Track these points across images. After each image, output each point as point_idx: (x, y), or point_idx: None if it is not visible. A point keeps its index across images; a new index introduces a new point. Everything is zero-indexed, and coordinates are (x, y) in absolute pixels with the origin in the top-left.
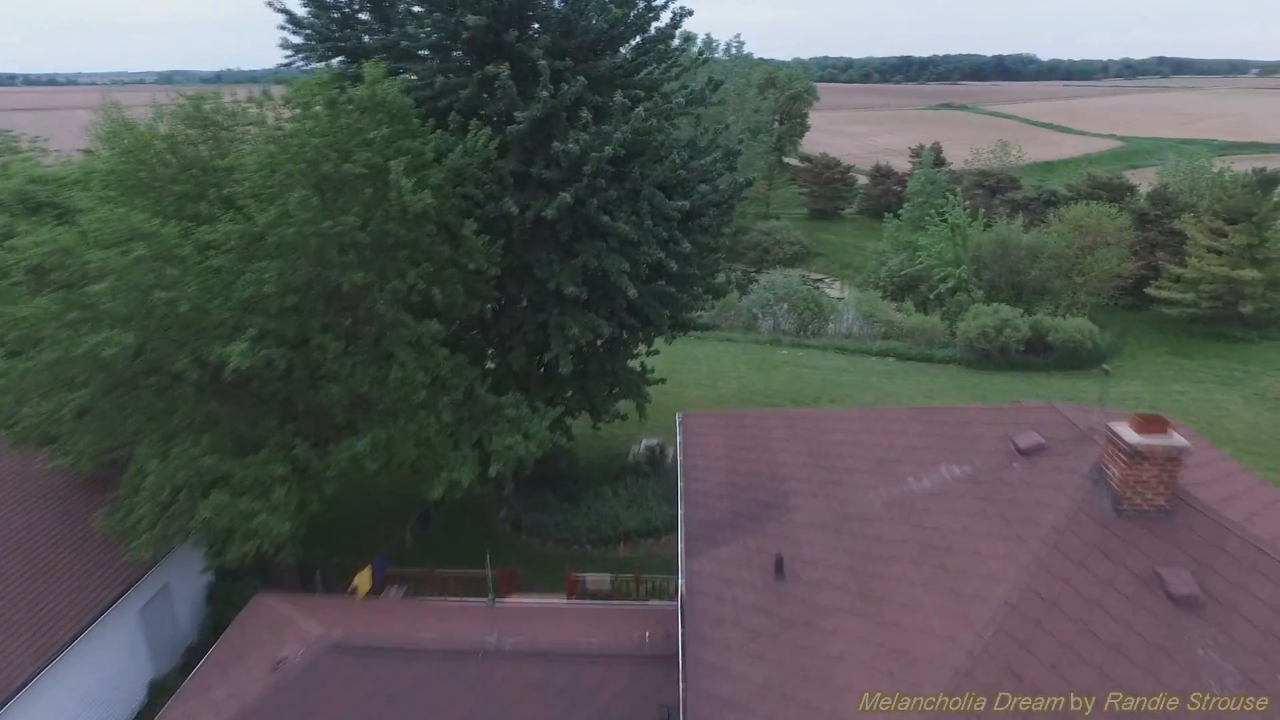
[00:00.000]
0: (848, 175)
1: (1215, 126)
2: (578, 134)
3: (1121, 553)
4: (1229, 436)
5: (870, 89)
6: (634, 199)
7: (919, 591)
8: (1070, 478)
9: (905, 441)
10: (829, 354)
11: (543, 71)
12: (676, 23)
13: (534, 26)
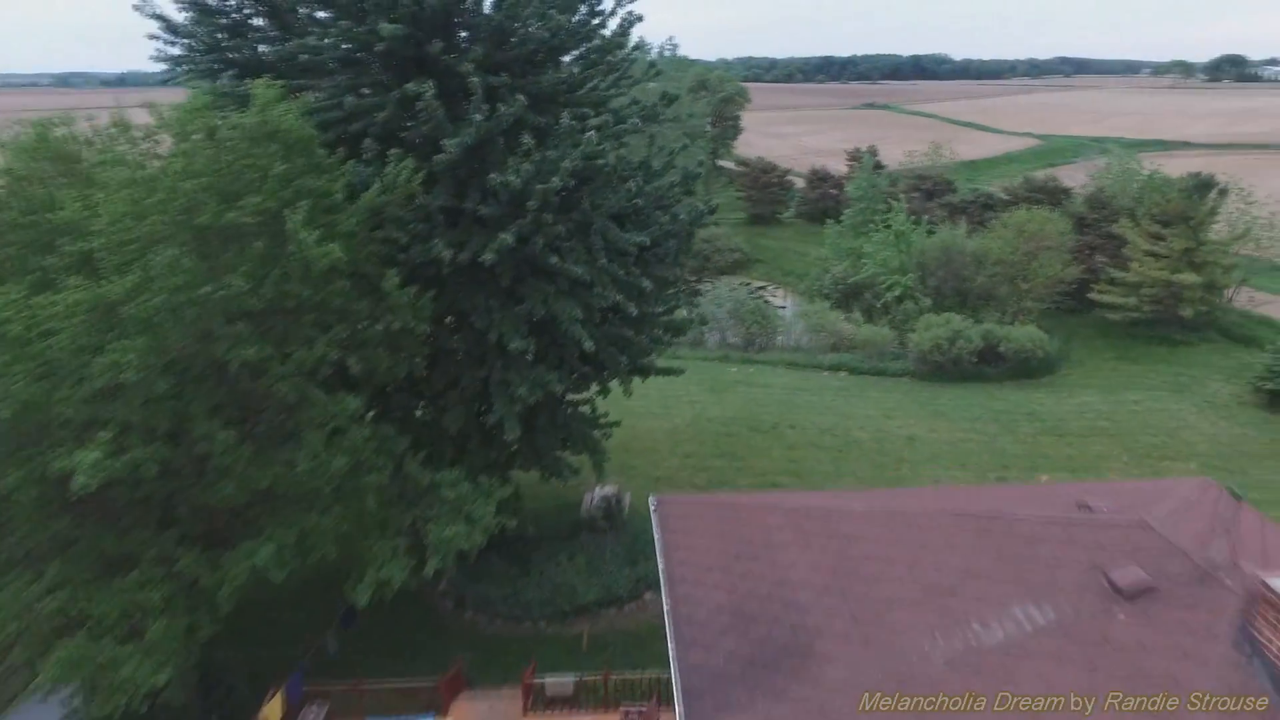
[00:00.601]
0: (785, 179)
1: (1122, 124)
2: (519, 163)
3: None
4: (1192, 451)
5: (796, 88)
6: (585, 233)
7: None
8: (1206, 643)
9: (957, 561)
10: (780, 370)
11: (474, 89)
12: (626, 30)
13: (462, 35)
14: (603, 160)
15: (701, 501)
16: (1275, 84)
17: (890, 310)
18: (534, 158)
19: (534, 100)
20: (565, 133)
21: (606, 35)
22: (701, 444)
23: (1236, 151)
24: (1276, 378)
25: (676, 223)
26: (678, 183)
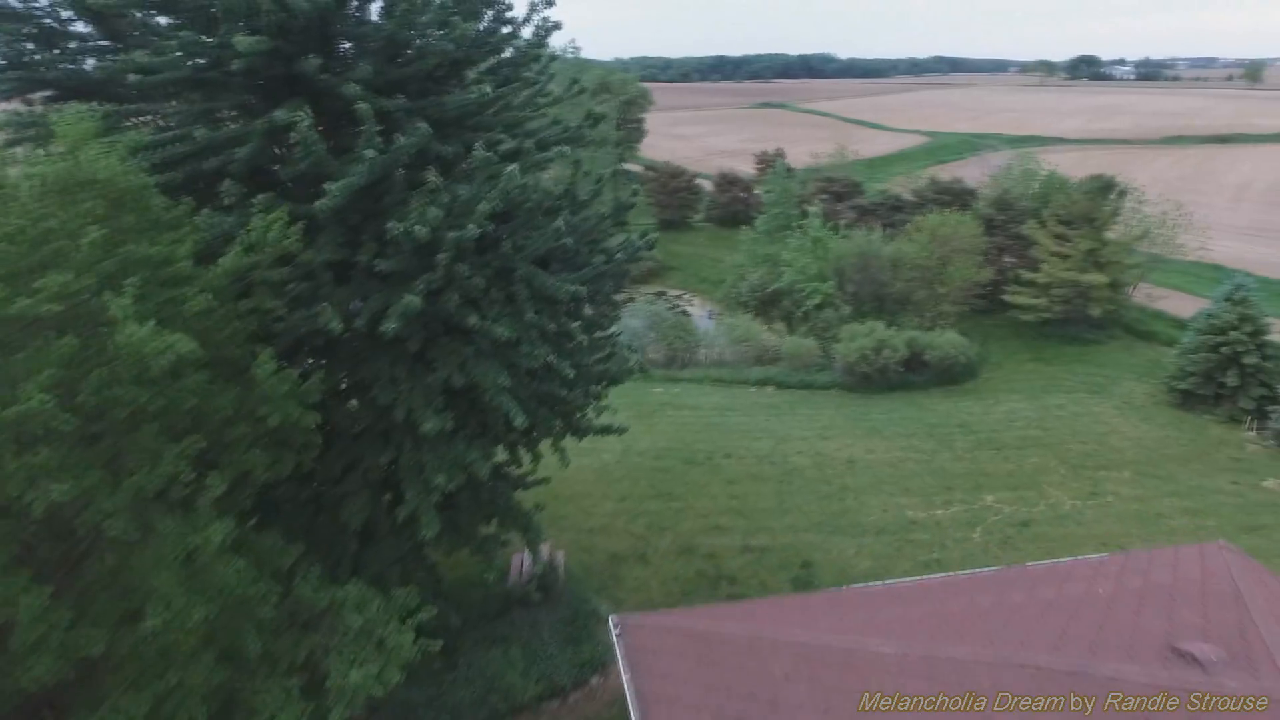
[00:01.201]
0: (693, 184)
1: (1001, 121)
2: (424, 206)
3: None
4: (1122, 458)
5: (693, 88)
6: (507, 281)
7: None
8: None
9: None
10: (706, 388)
11: (364, 116)
12: (542, 39)
13: (346, 48)
14: (525, 197)
15: (679, 629)
16: (1124, 82)
17: (810, 318)
18: (442, 199)
19: (439, 126)
20: (480, 166)
21: (520, 46)
22: (635, 483)
23: (1103, 147)
24: (1188, 378)
25: (612, 262)
26: (609, 214)
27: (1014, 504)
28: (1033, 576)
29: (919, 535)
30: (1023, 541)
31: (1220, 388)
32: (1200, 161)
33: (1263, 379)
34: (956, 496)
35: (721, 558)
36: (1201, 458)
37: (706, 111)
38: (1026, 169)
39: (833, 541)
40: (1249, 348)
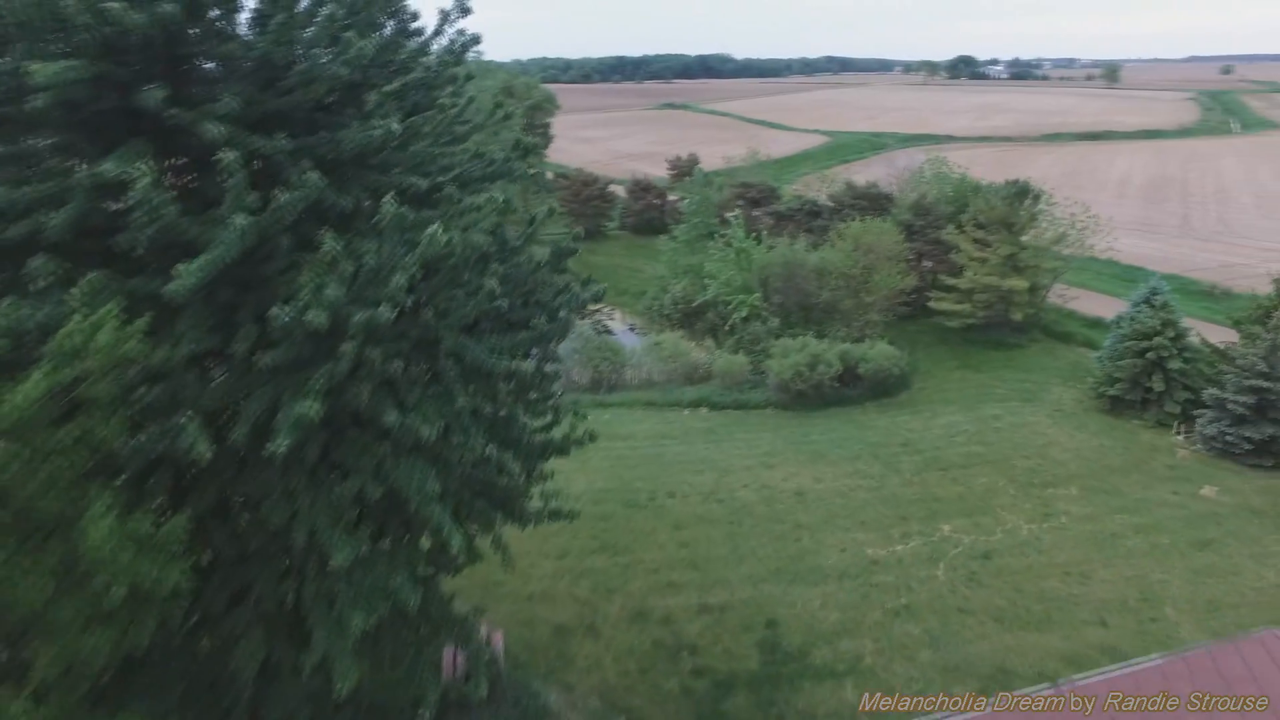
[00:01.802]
0: (607, 191)
1: (895, 120)
2: (319, 279)
3: None
4: (1066, 471)
5: (595, 89)
6: (430, 354)
7: None
8: None
9: None
10: (638, 413)
11: (231, 170)
12: (459, 55)
13: (206, 67)
14: (451, 257)
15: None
16: (999, 81)
17: (737, 331)
18: (344, 269)
19: (333, 170)
20: (392, 225)
21: (430, 64)
22: (575, 534)
23: (990, 144)
24: (1115, 384)
25: (555, 322)
26: (547, 261)
27: (971, 532)
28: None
29: (882, 577)
30: (988, 576)
31: (1147, 392)
32: (1080, 158)
33: (1186, 383)
34: (913, 528)
35: (678, 621)
36: (1139, 467)
37: (611, 113)
38: (939, 173)
39: (795, 593)
40: (1172, 352)
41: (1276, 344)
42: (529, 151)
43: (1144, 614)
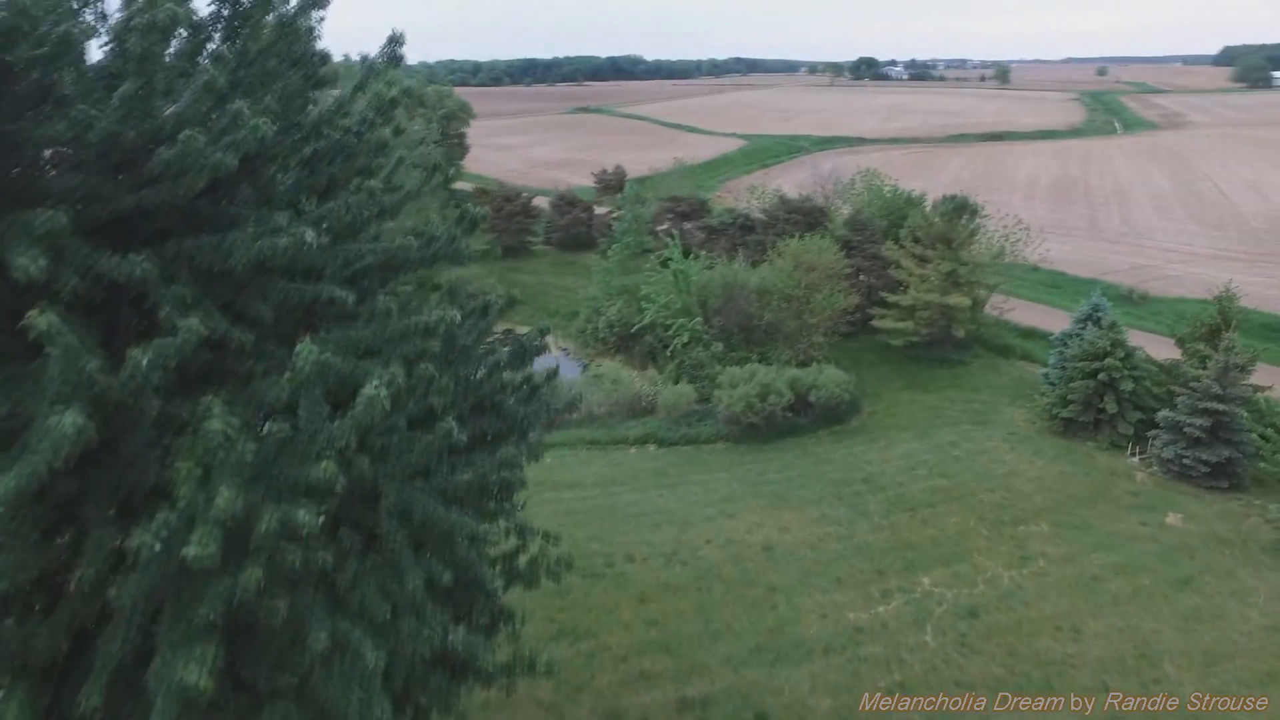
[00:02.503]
0: (530, 206)
1: (809, 122)
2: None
3: None
4: (1033, 505)
5: (506, 93)
6: (367, 511)
7: None
8: None
9: None
10: (583, 453)
11: (50, 336)
12: (385, 113)
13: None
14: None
15: None
16: (900, 82)
17: (678, 355)
18: (242, 451)
19: (222, 283)
20: (309, 375)
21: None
22: (529, 616)
23: (900, 146)
24: (1067, 405)
25: (525, 442)
26: (507, 361)
27: (953, 585)
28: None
29: (869, 648)
30: (978, 638)
31: (1099, 414)
32: (987, 160)
33: (1138, 403)
34: (893, 583)
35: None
36: (1103, 495)
37: (525, 118)
38: (872, 185)
39: (780, 675)
40: (1123, 373)
41: (1228, 366)
42: (476, 225)
43: (1145, 674)
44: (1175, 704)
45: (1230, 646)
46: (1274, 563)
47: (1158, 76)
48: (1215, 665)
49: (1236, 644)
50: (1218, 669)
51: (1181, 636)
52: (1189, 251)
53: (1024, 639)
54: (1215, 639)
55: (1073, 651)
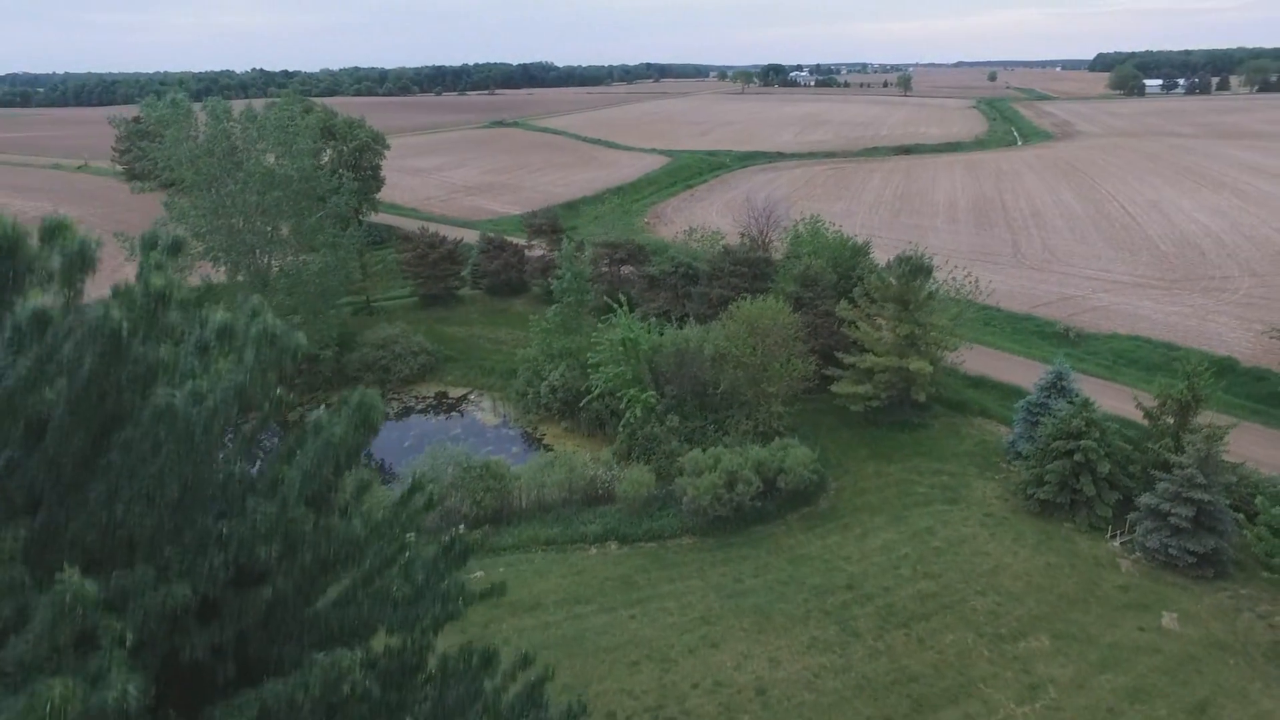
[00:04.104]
0: (456, 252)
1: (726, 135)
2: None
3: None
4: (1028, 611)
5: (416, 103)
6: None
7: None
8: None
9: None
10: (537, 558)
11: None
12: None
13: None
14: None
15: None
16: (808, 90)
17: (629, 426)
18: None
19: None
20: None
21: None
22: None
23: (819, 162)
24: (1043, 486)
25: None
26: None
27: None
28: None
29: None
30: None
31: (1075, 494)
32: (905, 177)
33: (1114, 483)
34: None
35: None
36: (1093, 592)
37: (438, 134)
38: (816, 230)
39: None
40: (1100, 454)
41: (1209, 454)
42: (430, 507)
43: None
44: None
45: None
46: (1278, 674)
47: (1042, 81)
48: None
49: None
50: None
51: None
52: (1110, 279)
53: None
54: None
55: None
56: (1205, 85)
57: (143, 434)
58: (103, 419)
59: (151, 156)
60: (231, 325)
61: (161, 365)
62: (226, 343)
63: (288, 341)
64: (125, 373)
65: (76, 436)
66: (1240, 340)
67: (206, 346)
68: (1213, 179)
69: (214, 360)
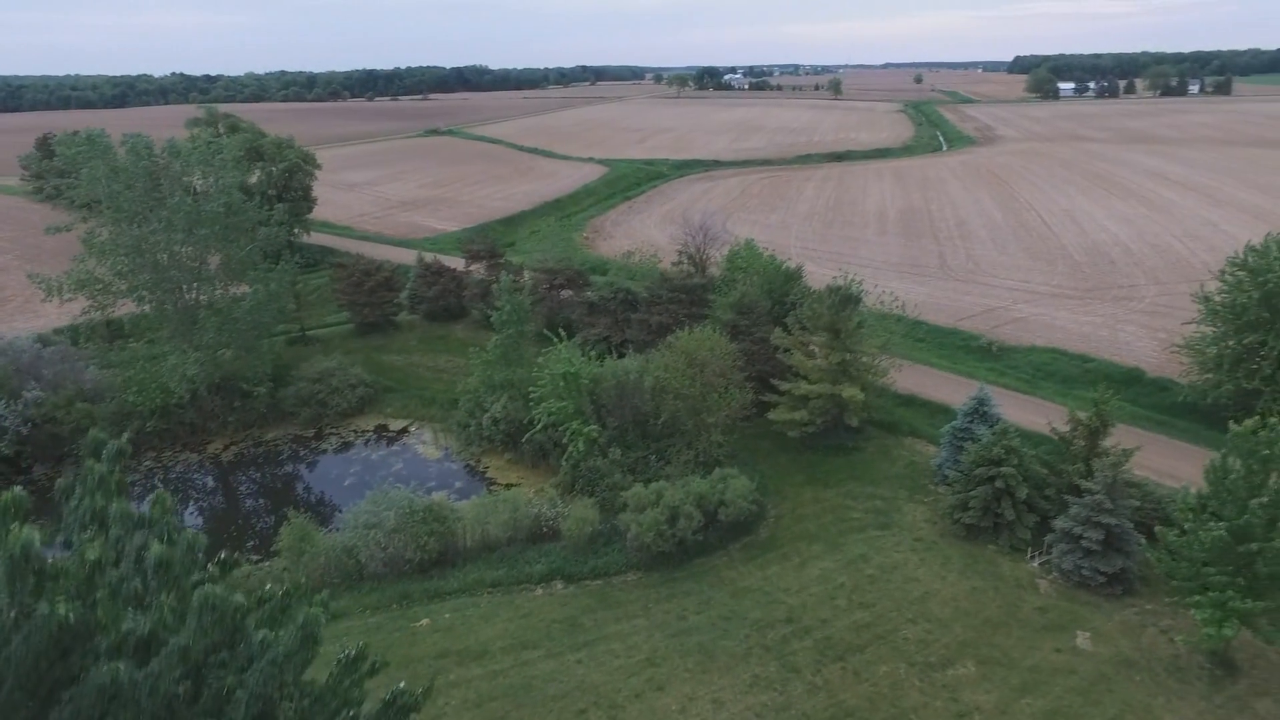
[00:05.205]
0: (394, 278)
1: (663, 143)
2: None
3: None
4: (955, 638)
5: (347, 109)
6: None
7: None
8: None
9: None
10: (483, 602)
11: None
12: None
13: None
14: None
15: None
16: (742, 93)
17: (573, 458)
18: None
19: None
20: None
21: None
22: None
23: (754, 170)
24: (969, 511)
25: None
26: None
27: None
28: None
29: None
30: None
31: (998, 517)
32: (837, 186)
33: (1032, 506)
34: None
35: None
36: (1014, 615)
37: (372, 144)
38: (750, 250)
39: None
40: (1018, 481)
41: (1115, 480)
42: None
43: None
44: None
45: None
46: (1179, 687)
47: (965, 84)
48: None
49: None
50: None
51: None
52: (1029, 290)
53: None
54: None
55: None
56: (1114, 89)
57: (89, 705)
58: (48, 688)
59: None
60: (169, 561)
61: (102, 630)
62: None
63: (226, 606)
64: (74, 661)
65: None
66: (1147, 350)
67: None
68: (1121, 186)
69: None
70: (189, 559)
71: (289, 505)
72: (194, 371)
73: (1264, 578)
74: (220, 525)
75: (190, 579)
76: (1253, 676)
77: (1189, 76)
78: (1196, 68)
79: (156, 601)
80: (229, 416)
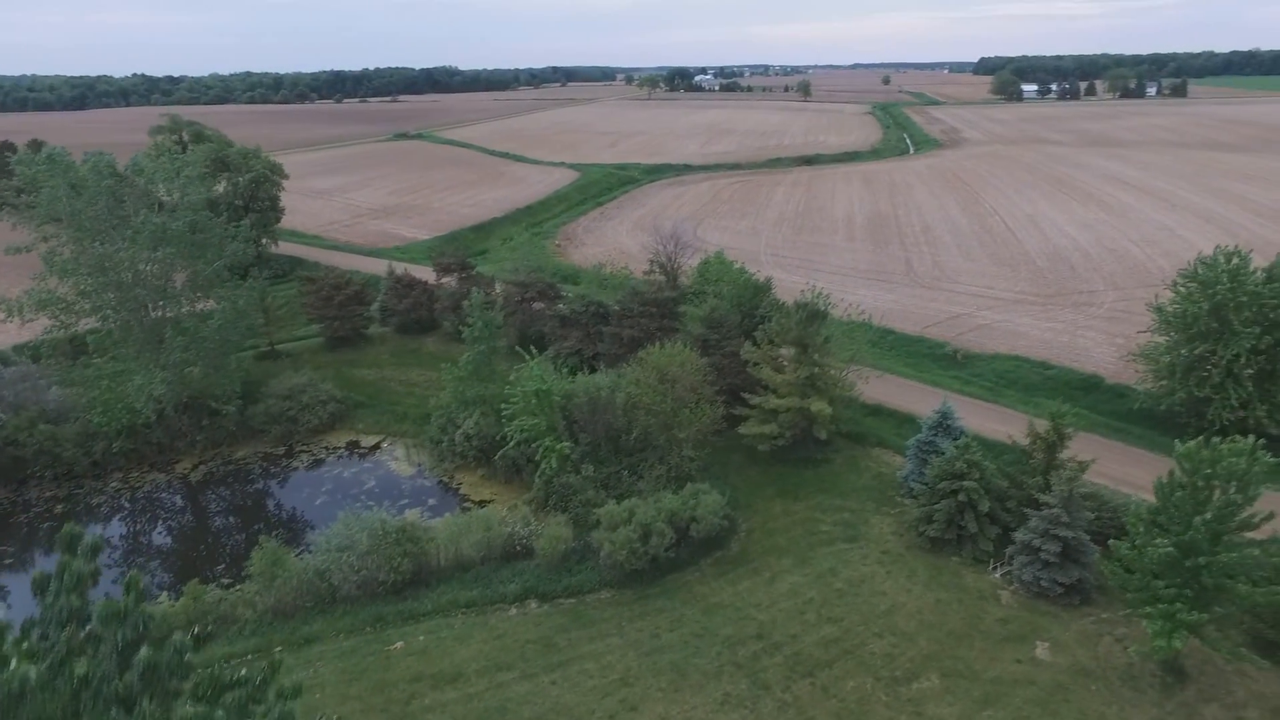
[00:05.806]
0: (364, 292)
1: (634, 146)
2: None
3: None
4: (919, 651)
5: (314, 111)
6: None
7: None
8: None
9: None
10: (457, 622)
11: None
12: None
13: None
14: None
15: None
16: (713, 95)
17: (546, 475)
18: None
19: None
20: None
21: None
22: None
23: (725, 174)
24: (933, 523)
25: None
26: None
27: None
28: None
29: None
30: None
31: (961, 530)
32: (806, 191)
33: (994, 518)
34: None
35: None
36: (976, 627)
37: (340, 149)
38: (721, 262)
39: None
40: (980, 494)
41: (1071, 494)
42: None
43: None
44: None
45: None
46: (1133, 695)
47: (931, 84)
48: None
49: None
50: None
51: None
52: (993, 296)
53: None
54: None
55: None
56: (1075, 91)
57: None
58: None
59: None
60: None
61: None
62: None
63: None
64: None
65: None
66: (1105, 356)
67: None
68: (1081, 191)
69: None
70: (175, 663)
71: (260, 524)
72: (160, 391)
73: (1210, 590)
74: (190, 546)
75: (174, 684)
76: (1200, 683)
77: (1147, 79)
78: (1154, 70)
79: (139, 709)
80: (197, 435)
